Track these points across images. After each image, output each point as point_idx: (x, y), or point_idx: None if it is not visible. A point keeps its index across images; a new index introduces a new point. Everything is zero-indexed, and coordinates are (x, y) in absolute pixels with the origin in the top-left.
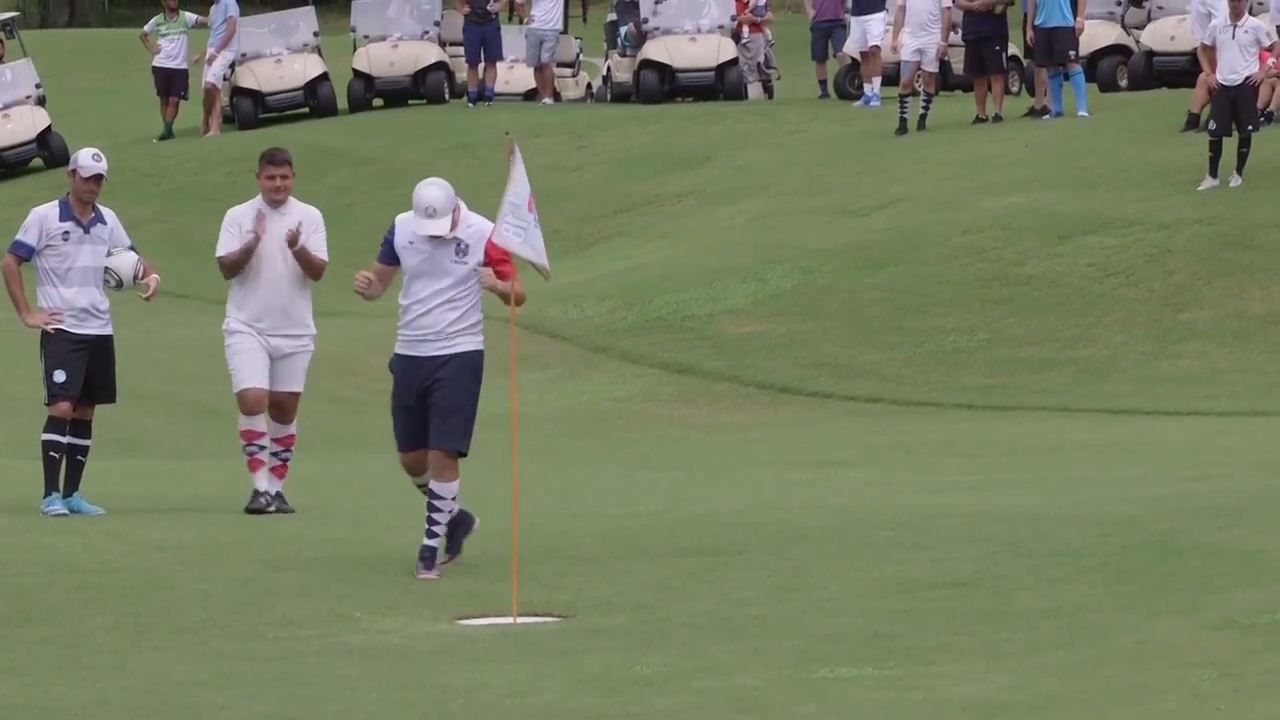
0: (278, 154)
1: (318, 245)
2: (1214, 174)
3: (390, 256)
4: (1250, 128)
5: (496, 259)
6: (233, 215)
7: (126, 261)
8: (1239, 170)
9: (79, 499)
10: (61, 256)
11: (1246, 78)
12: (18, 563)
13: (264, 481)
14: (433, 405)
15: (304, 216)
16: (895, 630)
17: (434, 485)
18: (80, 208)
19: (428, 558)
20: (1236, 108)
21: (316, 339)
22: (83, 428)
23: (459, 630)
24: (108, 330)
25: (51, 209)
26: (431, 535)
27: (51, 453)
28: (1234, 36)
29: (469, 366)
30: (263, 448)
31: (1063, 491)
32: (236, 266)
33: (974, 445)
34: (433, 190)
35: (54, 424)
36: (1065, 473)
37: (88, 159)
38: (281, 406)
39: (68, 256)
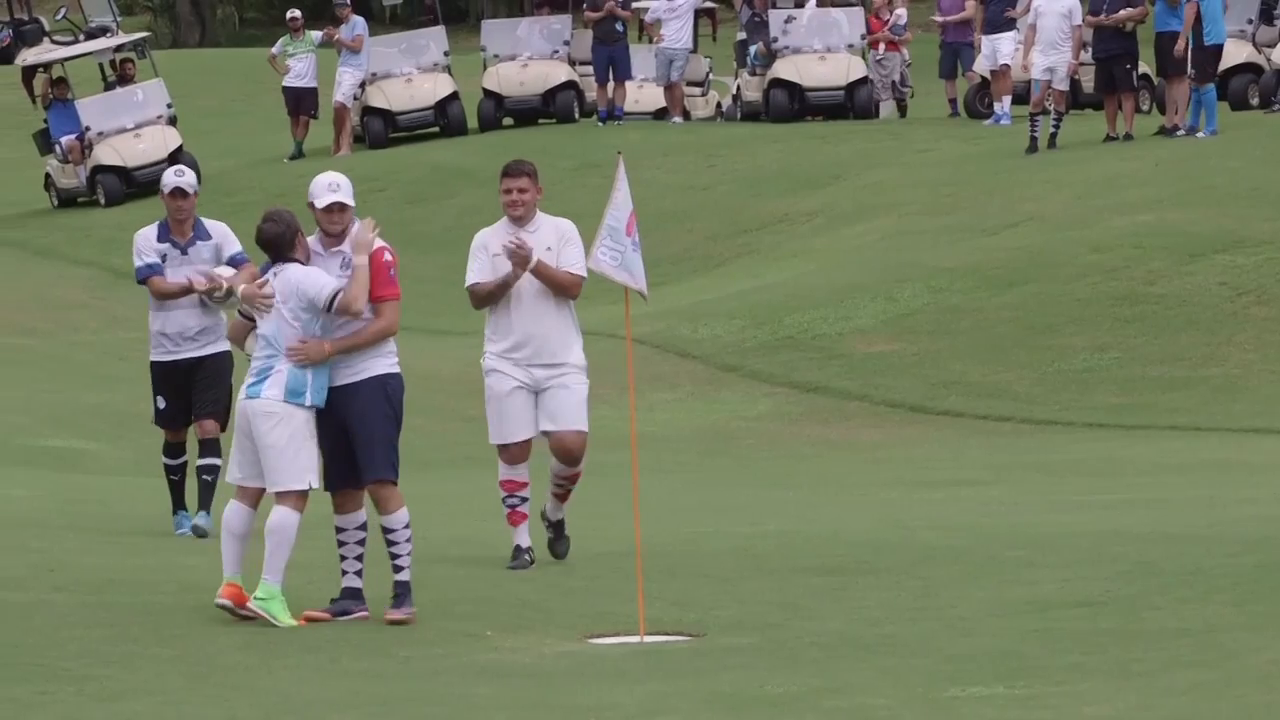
0: (512, 166)
1: (570, 259)
2: None
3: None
4: None
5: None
6: (479, 239)
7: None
8: None
9: (204, 517)
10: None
11: None
12: (150, 582)
13: (525, 537)
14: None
15: (555, 231)
16: (1025, 649)
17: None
18: (176, 226)
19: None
20: None
21: (588, 371)
22: (210, 446)
23: (589, 649)
24: (206, 351)
25: (150, 230)
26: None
27: (171, 475)
28: None
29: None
30: (525, 499)
31: (1193, 511)
32: (489, 298)
33: (1104, 464)
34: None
35: (168, 448)
36: (1196, 492)
37: (170, 175)
38: (564, 446)
39: (164, 278)
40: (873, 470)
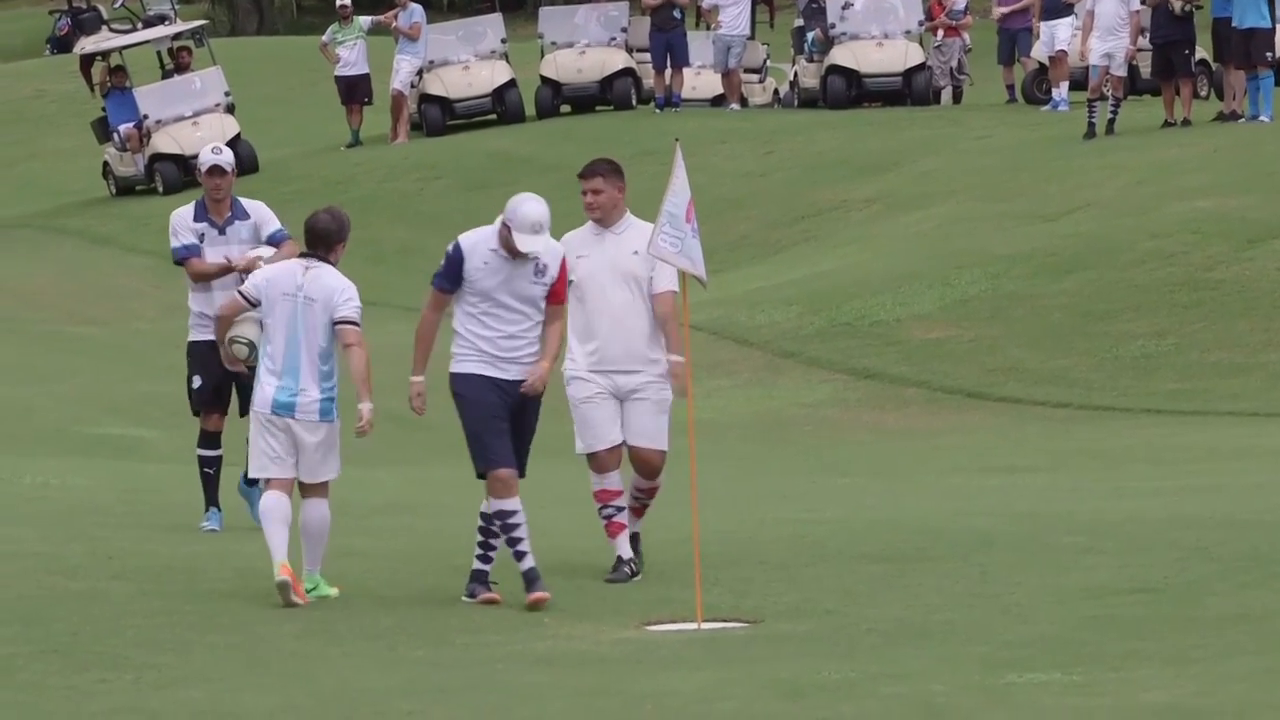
0: (586, 167)
1: (661, 280)
2: None
3: (455, 280)
4: None
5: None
6: (566, 241)
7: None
8: None
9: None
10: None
11: None
12: (207, 570)
13: (625, 547)
14: (520, 428)
15: (640, 235)
16: (1083, 636)
17: (505, 504)
18: (214, 206)
19: (482, 580)
20: None
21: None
22: None
23: (646, 636)
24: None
25: (187, 209)
26: (487, 560)
27: (205, 469)
28: None
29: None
30: (621, 509)
31: (1252, 497)
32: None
33: (1163, 451)
34: (538, 205)
35: (205, 438)
36: (1255, 478)
37: (206, 153)
38: (643, 460)
39: (202, 259)
40: (930, 457)
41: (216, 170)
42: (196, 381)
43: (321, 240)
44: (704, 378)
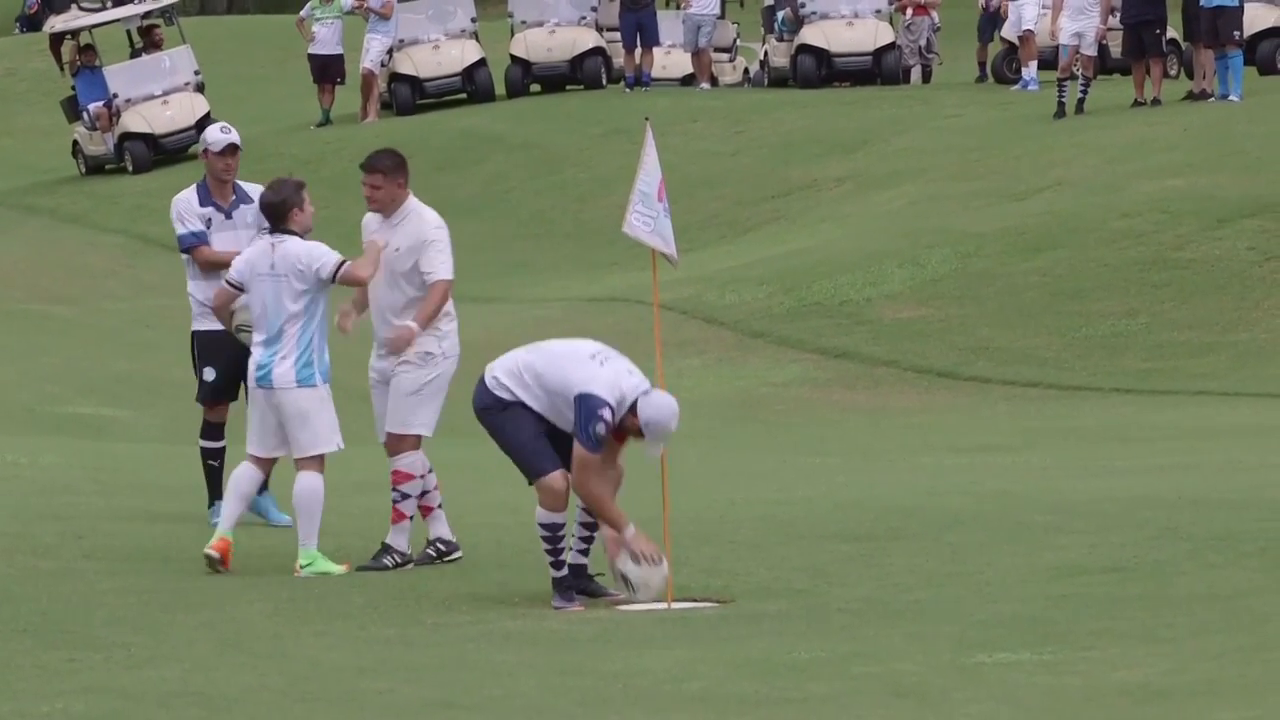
0: (370, 161)
1: (429, 263)
2: None
3: None
4: None
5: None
6: (365, 222)
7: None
8: None
9: (267, 499)
10: None
11: None
12: (178, 550)
13: (395, 537)
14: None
15: (416, 226)
16: (1053, 615)
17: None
18: (219, 189)
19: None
20: None
21: (433, 359)
22: None
23: (617, 616)
24: None
25: (189, 193)
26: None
27: (210, 460)
28: None
29: None
30: (405, 495)
31: (1222, 476)
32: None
33: (1133, 429)
34: (674, 422)
35: (209, 429)
36: (1224, 457)
37: (216, 132)
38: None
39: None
40: (901, 436)
41: (230, 149)
42: (210, 374)
43: (273, 215)
44: (674, 357)
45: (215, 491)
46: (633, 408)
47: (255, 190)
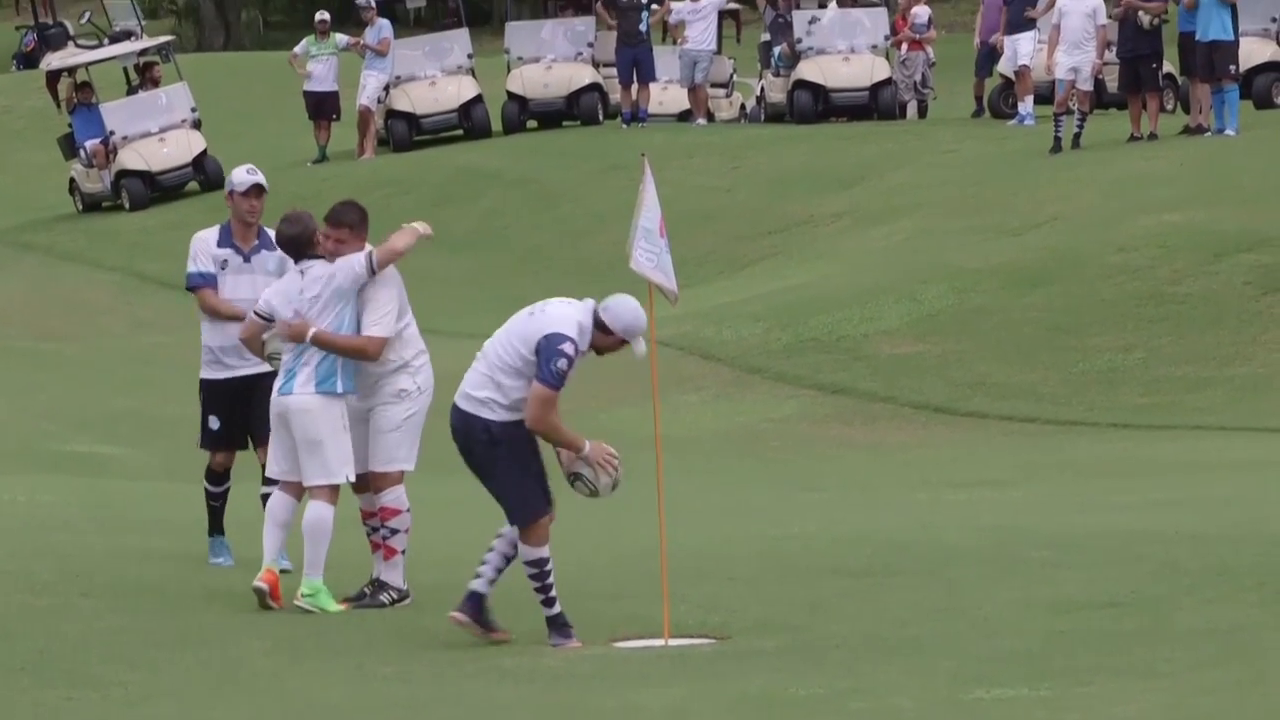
0: (338, 214)
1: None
2: None
3: None
4: None
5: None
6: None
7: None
8: None
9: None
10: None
11: None
12: (175, 587)
13: (381, 567)
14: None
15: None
16: (1051, 650)
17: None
18: (242, 232)
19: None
20: None
21: (409, 395)
22: None
23: (614, 653)
24: (265, 368)
25: (210, 233)
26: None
27: (212, 501)
28: None
29: None
30: (374, 528)
31: (1219, 510)
32: None
33: (1130, 464)
34: (643, 314)
35: (211, 475)
36: (1222, 491)
37: (242, 173)
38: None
39: (223, 287)
40: (898, 471)
41: (256, 190)
42: (214, 423)
43: (297, 245)
44: (671, 393)
45: (216, 526)
46: (600, 326)
47: None
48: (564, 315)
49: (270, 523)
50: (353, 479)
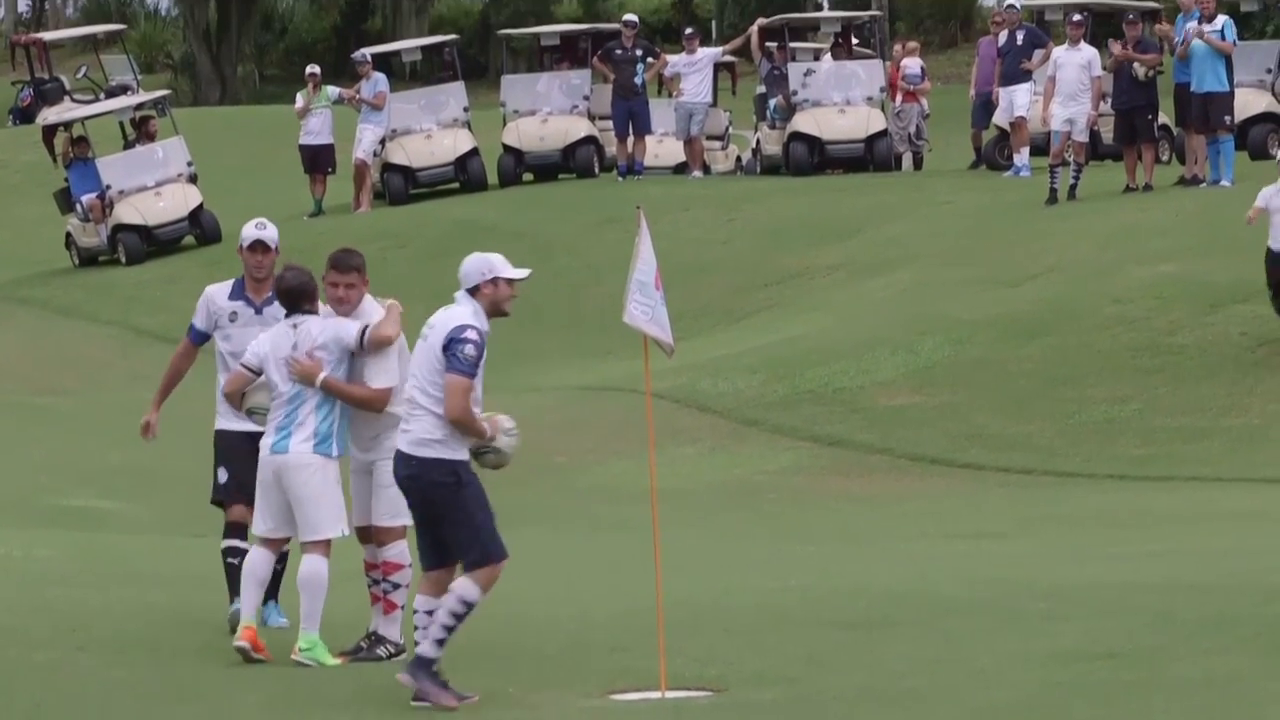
0: (343, 259)
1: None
2: None
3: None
4: None
5: None
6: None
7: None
8: None
9: (271, 608)
10: (227, 339)
11: None
12: (171, 641)
13: (381, 623)
14: None
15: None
16: (1048, 701)
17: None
18: (254, 285)
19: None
20: None
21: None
22: None
23: (610, 705)
24: None
25: (221, 287)
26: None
27: (229, 559)
28: None
29: None
30: (375, 580)
31: (1216, 561)
32: None
33: (1127, 515)
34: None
35: (229, 529)
36: (1218, 542)
37: (250, 228)
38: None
39: (232, 339)
40: (895, 523)
41: (259, 246)
42: (223, 475)
43: (297, 297)
44: (667, 445)
45: (234, 588)
46: (478, 291)
47: None
48: (452, 314)
49: (249, 579)
50: (348, 534)
